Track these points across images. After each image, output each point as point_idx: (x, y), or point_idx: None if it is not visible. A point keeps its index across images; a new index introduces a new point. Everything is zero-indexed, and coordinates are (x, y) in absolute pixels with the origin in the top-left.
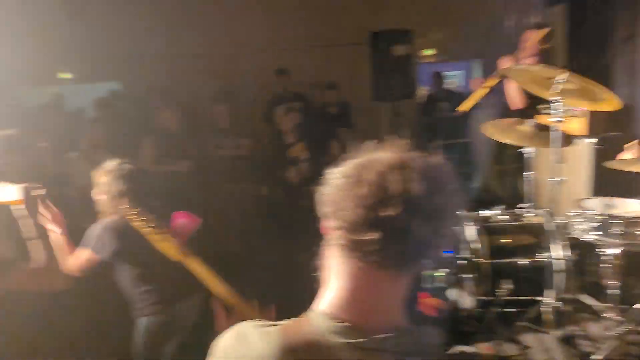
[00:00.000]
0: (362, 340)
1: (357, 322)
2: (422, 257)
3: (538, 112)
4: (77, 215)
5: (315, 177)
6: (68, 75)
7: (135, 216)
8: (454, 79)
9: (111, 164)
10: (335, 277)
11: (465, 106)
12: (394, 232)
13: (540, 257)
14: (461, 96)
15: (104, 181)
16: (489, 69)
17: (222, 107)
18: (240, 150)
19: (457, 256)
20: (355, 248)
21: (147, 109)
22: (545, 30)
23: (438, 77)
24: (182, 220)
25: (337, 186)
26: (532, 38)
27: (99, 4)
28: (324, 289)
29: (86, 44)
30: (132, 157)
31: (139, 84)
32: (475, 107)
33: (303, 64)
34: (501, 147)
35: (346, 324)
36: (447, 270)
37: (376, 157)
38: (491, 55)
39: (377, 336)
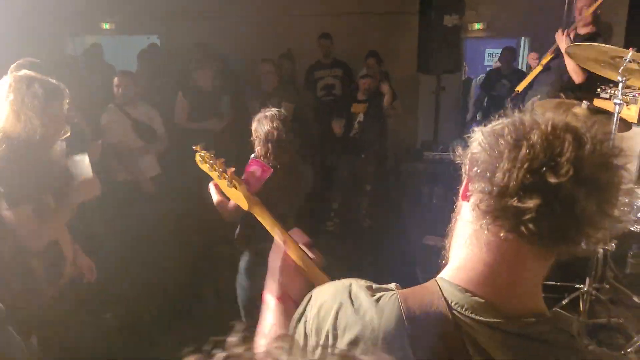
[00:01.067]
0: (497, 320)
1: (492, 300)
2: (581, 237)
3: (596, 93)
4: (112, 169)
5: (367, 138)
6: (110, 26)
7: (207, 159)
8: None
9: (259, 110)
10: (468, 246)
11: (520, 87)
12: (555, 201)
13: None
14: (523, 74)
15: (254, 127)
16: (537, 46)
17: (268, 68)
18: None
19: None
20: (503, 216)
21: (187, 65)
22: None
23: (509, 53)
24: (254, 168)
25: (490, 145)
26: (585, 5)
27: None
28: (453, 258)
29: None
30: (168, 111)
31: (181, 40)
32: (529, 86)
33: (350, 31)
34: None
35: (480, 299)
36: None
37: (537, 117)
38: (540, 31)
39: (515, 319)
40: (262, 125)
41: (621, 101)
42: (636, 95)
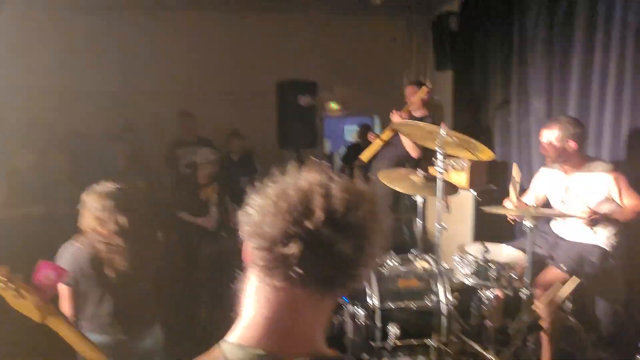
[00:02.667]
0: None
1: (272, 350)
2: (346, 277)
3: (432, 163)
4: None
5: (223, 220)
6: None
7: None
8: (354, 132)
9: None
10: (251, 304)
11: (364, 157)
12: (315, 246)
13: (427, 301)
14: None
15: (82, 201)
16: (387, 124)
17: (121, 147)
18: (138, 192)
19: (348, 302)
20: (276, 266)
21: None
22: (423, 88)
23: (365, 129)
24: (46, 272)
25: (258, 206)
26: (412, 93)
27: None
28: (239, 318)
29: None
30: None
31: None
32: (374, 158)
33: (211, 111)
34: (396, 196)
35: (261, 351)
36: (339, 316)
37: (296, 177)
38: (388, 111)
39: None
40: (91, 202)
41: (442, 169)
42: (464, 163)
